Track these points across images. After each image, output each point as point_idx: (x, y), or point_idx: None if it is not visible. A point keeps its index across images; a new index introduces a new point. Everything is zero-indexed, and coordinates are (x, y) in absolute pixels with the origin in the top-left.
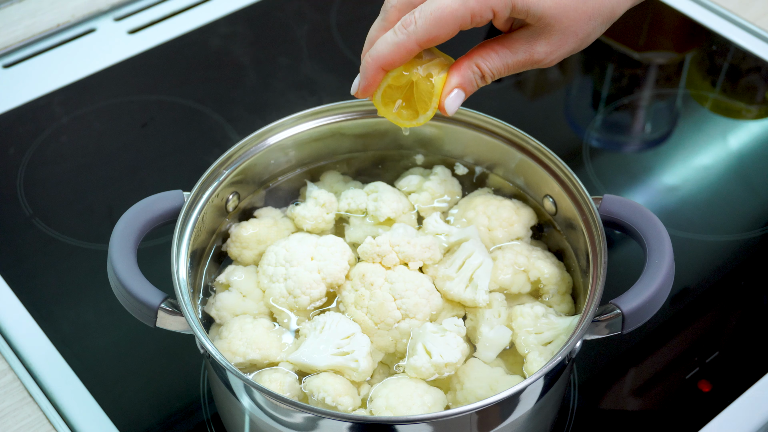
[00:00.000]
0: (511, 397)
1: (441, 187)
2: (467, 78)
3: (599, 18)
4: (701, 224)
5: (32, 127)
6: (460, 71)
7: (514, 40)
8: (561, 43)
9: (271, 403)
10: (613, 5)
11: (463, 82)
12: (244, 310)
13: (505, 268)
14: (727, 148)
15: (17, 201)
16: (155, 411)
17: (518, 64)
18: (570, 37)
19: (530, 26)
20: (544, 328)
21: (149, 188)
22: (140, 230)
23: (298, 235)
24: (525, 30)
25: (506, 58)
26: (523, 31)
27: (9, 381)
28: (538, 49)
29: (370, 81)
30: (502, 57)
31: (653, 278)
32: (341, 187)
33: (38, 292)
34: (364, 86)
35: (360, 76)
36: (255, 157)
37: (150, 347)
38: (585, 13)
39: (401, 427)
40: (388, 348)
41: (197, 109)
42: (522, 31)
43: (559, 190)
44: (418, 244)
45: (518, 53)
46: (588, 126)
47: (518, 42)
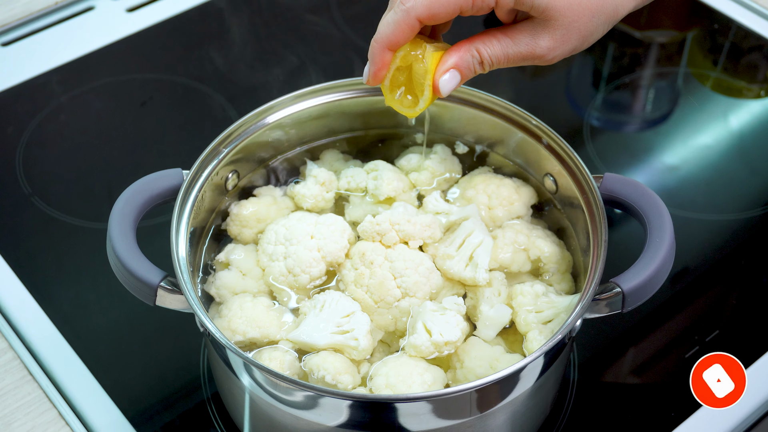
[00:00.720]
0: (510, 376)
1: (441, 166)
2: (465, 60)
3: (602, 16)
4: (702, 203)
5: (31, 106)
6: (459, 52)
7: (517, 30)
8: (564, 39)
9: (271, 382)
10: (616, 4)
11: (459, 63)
12: (244, 289)
13: (506, 246)
14: (728, 128)
15: (16, 180)
16: (155, 390)
17: (519, 55)
18: (573, 34)
19: (534, 19)
20: (544, 307)
21: (148, 167)
22: (139, 209)
23: (298, 214)
24: (529, 22)
25: (507, 47)
26: (526, 23)
27: (9, 359)
28: (541, 43)
29: (379, 64)
30: (504, 46)
31: (654, 257)
32: (341, 166)
33: (38, 271)
34: (373, 71)
35: (369, 62)
36: (254, 135)
37: (150, 326)
38: (589, 9)
39: (401, 405)
40: (388, 326)
41: (196, 88)
42: (526, 23)
43: (559, 169)
44: (418, 222)
45: (520, 44)
46: (589, 105)
47: (521, 33)
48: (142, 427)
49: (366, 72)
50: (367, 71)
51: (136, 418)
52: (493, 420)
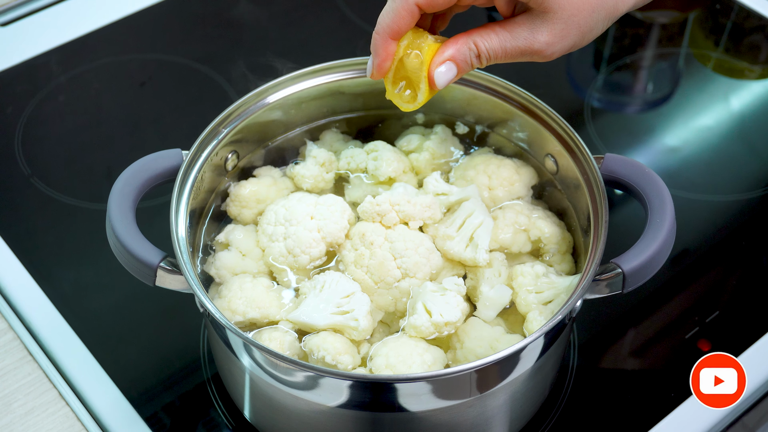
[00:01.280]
0: (510, 356)
1: (441, 147)
2: (462, 53)
3: (602, 11)
4: (702, 185)
5: (30, 86)
6: (456, 44)
7: (516, 24)
8: (563, 34)
9: (271, 362)
10: (616, 1)
11: (456, 55)
12: (244, 269)
13: (506, 227)
14: (729, 109)
15: (15, 160)
16: (156, 371)
17: (517, 50)
18: (572, 29)
19: (533, 12)
20: (545, 288)
21: (148, 148)
22: (139, 189)
23: (298, 194)
24: (527, 15)
25: (505, 41)
26: (525, 17)
27: (9, 340)
28: (539, 38)
29: (382, 55)
30: (502, 40)
31: (654, 237)
32: (341, 146)
33: (37, 252)
34: (377, 63)
35: (372, 55)
36: (254, 115)
37: (150, 307)
38: (589, 3)
39: (401, 386)
40: (388, 307)
41: (196, 68)
42: (524, 16)
43: (560, 149)
44: (419, 203)
45: (518, 38)
46: (590, 86)
47: (520, 27)
48: (143, 407)
49: (369, 65)
50: (371, 64)
51: (136, 398)
52: (492, 400)
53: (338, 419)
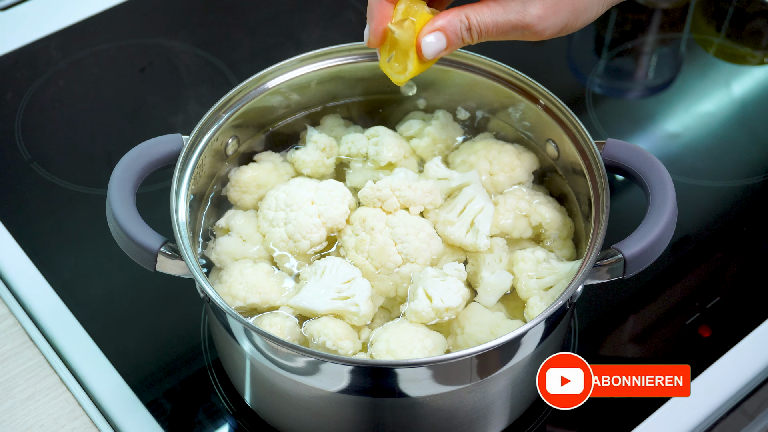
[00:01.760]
0: (511, 342)
1: (442, 132)
2: (452, 24)
3: None
4: (703, 170)
5: (29, 72)
6: (448, 16)
7: None
8: (555, 9)
9: (272, 347)
10: None
11: (446, 26)
12: (244, 255)
13: (507, 212)
14: (730, 95)
15: (15, 146)
16: (156, 356)
17: (509, 24)
18: (565, 5)
19: None
20: (546, 273)
21: (148, 133)
22: (139, 174)
23: (298, 180)
24: None
25: (497, 14)
26: None
27: (9, 325)
28: (531, 11)
29: (377, 18)
30: (494, 13)
31: (656, 222)
32: (342, 132)
33: (38, 237)
34: (373, 26)
35: (368, 20)
36: (254, 100)
37: (151, 293)
38: None
39: (402, 371)
40: (388, 292)
41: (196, 54)
42: None
43: (561, 135)
44: (419, 188)
45: (510, 12)
46: (591, 72)
47: (513, 0)
48: (144, 393)
49: (366, 32)
50: (367, 32)
51: (137, 384)
52: (493, 386)
53: (339, 404)
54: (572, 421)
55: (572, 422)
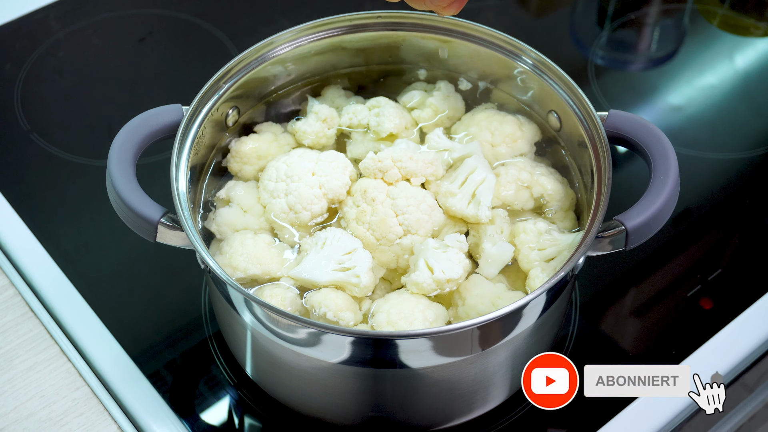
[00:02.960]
0: (512, 313)
1: (444, 103)
2: None
3: None
4: (706, 143)
5: (28, 42)
6: None
7: None
8: None
9: (273, 318)
10: None
11: None
12: (245, 226)
13: (508, 184)
14: (733, 67)
15: (15, 117)
16: (158, 328)
17: None
18: None
19: None
20: (547, 245)
21: (148, 104)
22: (139, 144)
23: (299, 151)
24: None
25: None
26: None
27: (10, 296)
28: None
29: None
30: None
31: (658, 194)
32: (343, 102)
33: (38, 209)
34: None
35: None
36: (255, 71)
37: (152, 265)
38: None
39: (402, 342)
40: (389, 264)
41: (196, 24)
42: None
43: (564, 105)
44: (421, 159)
45: None
46: (593, 44)
47: None
48: (145, 364)
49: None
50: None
51: (138, 355)
52: (494, 357)
53: (339, 376)
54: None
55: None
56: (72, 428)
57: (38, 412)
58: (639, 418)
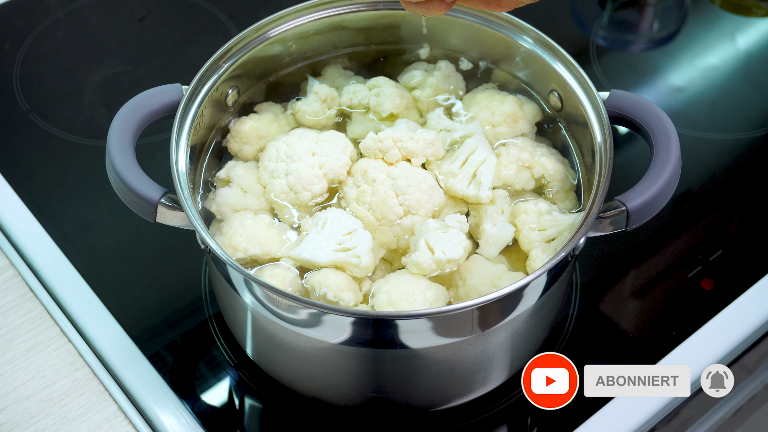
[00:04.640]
0: (513, 294)
1: (445, 83)
2: None
3: None
4: (707, 123)
5: (27, 22)
6: None
7: None
8: None
9: (273, 299)
10: None
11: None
12: (245, 206)
13: (509, 164)
14: (735, 47)
15: (14, 96)
16: (158, 308)
17: None
18: None
19: None
20: (548, 225)
21: (147, 84)
22: (139, 124)
23: (299, 131)
24: None
25: None
26: None
27: (10, 276)
28: None
29: None
30: None
31: (659, 174)
32: (343, 82)
33: (38, 189)
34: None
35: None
36: (255, 50)
37: (152, 245)
38: None
39: (403, 322)
40: (390, 244)
41: (196, 3)
42: None
43: (565, 85)
44: (421, 139)
45: None
46: (595, 24)
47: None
48: (145, 345)
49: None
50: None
51: (138, 336)
52: (494, 338)
53: (340, 356)
54: None
55: None
56: (72, 408)
57: (38, 393)
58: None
